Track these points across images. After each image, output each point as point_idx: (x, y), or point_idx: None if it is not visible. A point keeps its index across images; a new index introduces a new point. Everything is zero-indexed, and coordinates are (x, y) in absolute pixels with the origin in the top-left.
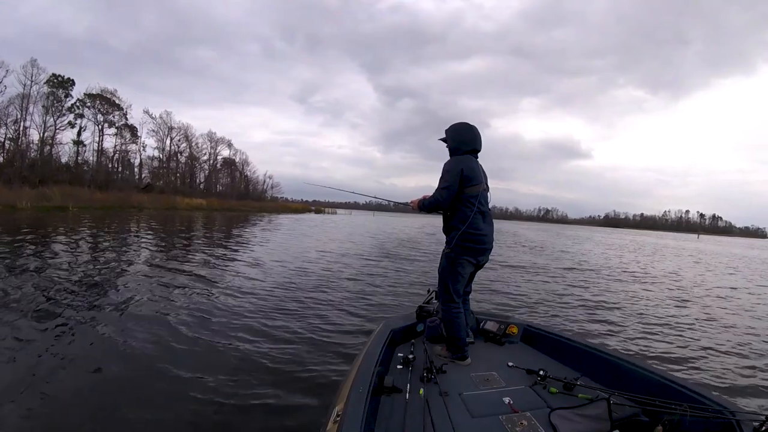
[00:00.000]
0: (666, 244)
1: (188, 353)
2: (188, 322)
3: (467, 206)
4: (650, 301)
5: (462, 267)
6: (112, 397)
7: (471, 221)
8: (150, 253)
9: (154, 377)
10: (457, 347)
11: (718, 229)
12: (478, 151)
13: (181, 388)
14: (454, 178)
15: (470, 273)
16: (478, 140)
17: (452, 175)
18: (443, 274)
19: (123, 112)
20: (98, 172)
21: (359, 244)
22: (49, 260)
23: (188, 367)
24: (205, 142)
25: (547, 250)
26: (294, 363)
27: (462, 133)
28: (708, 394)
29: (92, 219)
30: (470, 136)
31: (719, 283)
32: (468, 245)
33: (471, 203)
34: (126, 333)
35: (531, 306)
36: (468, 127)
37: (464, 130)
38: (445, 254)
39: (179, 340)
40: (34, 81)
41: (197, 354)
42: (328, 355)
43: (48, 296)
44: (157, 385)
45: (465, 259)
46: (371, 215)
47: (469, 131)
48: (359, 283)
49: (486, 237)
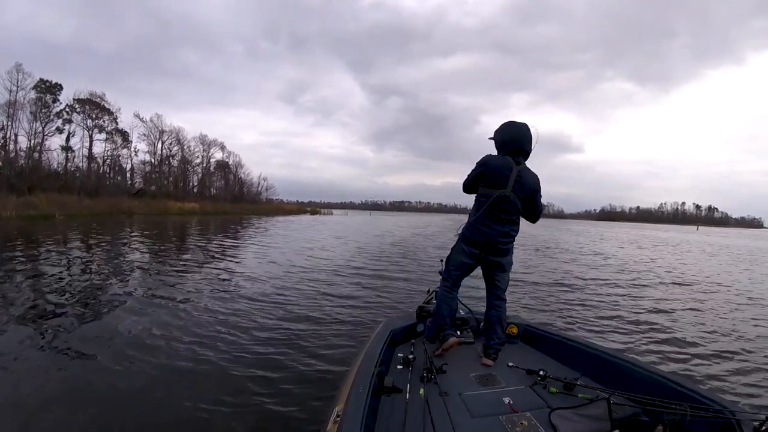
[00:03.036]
0: (671, 237)
1: (186, 355)
2: (186, 324)
3: (479, 204)
4: (671, 302)
5: (459, 254)
6: (110, 403)
7: (477, 217)
8: (130, 263)
9: (153, 379)
10: (439, 326)
11: (715, 220)
12: (526, 152)
13: (180, 391)
14: (473, 173)
15: (469, 265)
16: (523, 141)
17: (473, 170)
18: (450, 254)
19: (113, 117)
20: (88, 178)
21: (359, 243)
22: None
23: (187, 369)
24: (197, 145)
25: (566, 250)
26: (293, 363)
27: (504, 132)
28: (708, 394)
29: (77, 227)
30: (513, 135)
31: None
32: (467, 235)
33: (481, 203)
34: (119, 335)
35: (531, 306)
36: (513, 125)
37: (508, 129)
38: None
39: (177, 342)
40: (20, 87)
41: (195, 356)
42: (328, 355)
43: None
44: (156, 386)
45: (462, 247)
46: (368, 215)
47: (511, 130)
48: (359, 284)
49: (488, 233)
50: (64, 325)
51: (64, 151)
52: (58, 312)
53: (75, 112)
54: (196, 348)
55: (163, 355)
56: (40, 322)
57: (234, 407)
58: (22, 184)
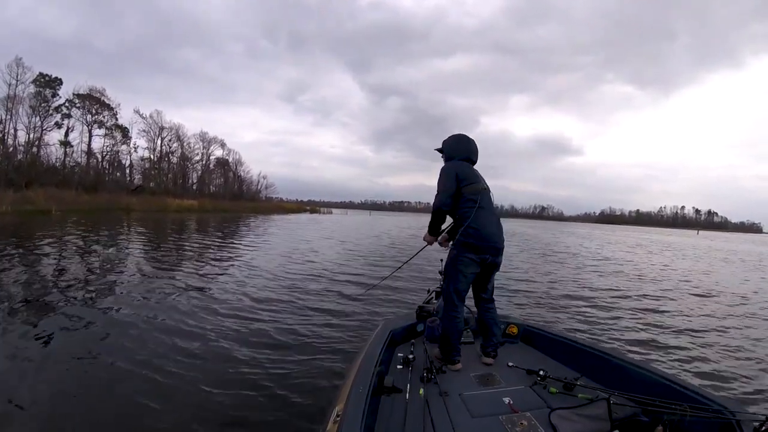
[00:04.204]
0: (676, 241)
1: (185, 355)
2: (184, 326)
3: (468, 205)
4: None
5: (464, 265)
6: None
7: (473, 218)
8: (123, 260)
9: (150, 381)
10: (446, 351)
11: (714, 224)
12: (474, 162)
13: (180, 391)
14: (450, 180)
15: (475, 273)
16: (473, 151)
17: (448, 178)
18: (445, 273)
19: (113, 113)
20: (87, 173)
21: (359, 243)
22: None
23: (185, 370)
24: (197, 142)
25: (575, 255)
26: (293, 363)
27: (457, 143)
28: (708, 394)
29: (74, 223)
30: (465, 146)
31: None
32: (470, 241)
33: (473, 201)
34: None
35: (531, 306)
36: (464, 138)
37: (460, 141)
38: (449, 253)
39: (175, 343)
40: (19, 80)
41: (194, 356)
42: (328, 355)
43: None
44: (155, 387)
45: (467, 257)
46: (367, 214)
47: (464, 142)
48: (359, 284)
49: (491, 235)
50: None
51: (63, 146)
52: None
53: (74, 107)
54: (190, 347)
55: (154, 353)
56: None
57: (233, 407)
58: (19, 178)
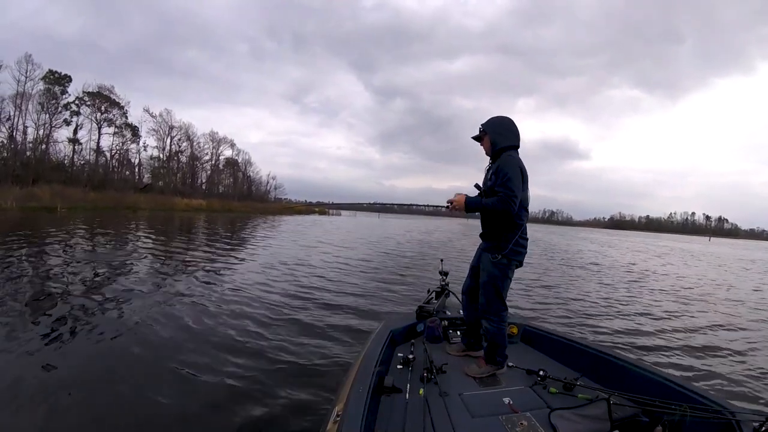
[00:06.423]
0: (695, 249)
1: (186, 355)
2: (183, 326)
3: (522, 214)
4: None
5: (512, 272)
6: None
7: (524, 230)
8: (123, 259)
9: (151, 378)
10: (501, 353)
11: (724, 231)
12: (518, 147)
13: (180, 390)
14: (520, 183)
15: None
16: (518, 137)
17: (518, 179)
18: (495, 283)
19: (123, 111)
20: (95, 171)
21: (360, 244)
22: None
23: (186, 369)
24: (207, 142)
25: (600, 265)
26: (293, 363)
27: (508, 128)
28: (708, 395)
29: (79, 221)
30: (516, 132)
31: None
32: (519, 249)
33: (526, 210)
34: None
35: (531, 306)
36: (511, 121)
37: (510, 125)
38: (496, 262)
39: (177, 342)
40: (28, 77)
41: (194, 356)
42: (328, 355)
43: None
44: (156, 386)
45: (515, 265)
46: (376, 217)
47: (514, 126)
48: (359, 284)
49: (525, 245)
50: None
51: (71, 143)
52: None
53: (84, 104)
54: (192, 350)
55: (156, 349)
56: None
57: (233, 407)
58: (27, 175)
